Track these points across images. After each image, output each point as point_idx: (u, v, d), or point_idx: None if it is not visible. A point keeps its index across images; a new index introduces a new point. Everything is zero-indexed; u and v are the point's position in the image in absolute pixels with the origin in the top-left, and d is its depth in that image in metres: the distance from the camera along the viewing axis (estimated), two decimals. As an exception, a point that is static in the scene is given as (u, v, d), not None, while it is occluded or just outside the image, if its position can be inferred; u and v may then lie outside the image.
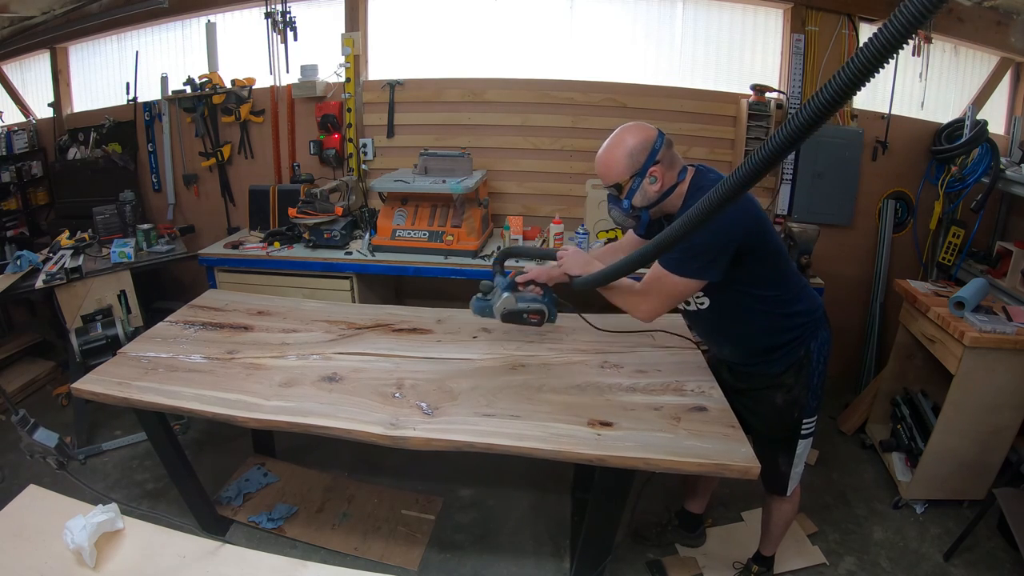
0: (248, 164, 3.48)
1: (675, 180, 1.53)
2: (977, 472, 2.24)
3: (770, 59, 3.05)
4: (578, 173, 3.14)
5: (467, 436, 1.49)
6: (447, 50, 3.21)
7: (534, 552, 2.14)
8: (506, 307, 1.73)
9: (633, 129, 1.52)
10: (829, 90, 0.74)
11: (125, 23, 3.40)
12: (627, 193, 1.53)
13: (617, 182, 1.52)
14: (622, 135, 1.52)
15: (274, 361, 1.85)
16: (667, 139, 1.52)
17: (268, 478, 2.44)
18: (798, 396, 1.64)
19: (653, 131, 1.51)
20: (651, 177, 1.50)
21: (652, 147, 1.49)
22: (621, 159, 1.50)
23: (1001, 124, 3.04)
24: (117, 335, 2.58)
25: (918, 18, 0.64)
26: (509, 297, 1.73)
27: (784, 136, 0.81)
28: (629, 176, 1.51)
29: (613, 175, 1.52)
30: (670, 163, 1.52)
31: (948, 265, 2.89)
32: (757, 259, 1.50)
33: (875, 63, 0.69)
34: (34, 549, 1.21)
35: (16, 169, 3.51)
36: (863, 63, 0.69)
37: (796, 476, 1.75)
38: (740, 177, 0.91)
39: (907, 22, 0.65)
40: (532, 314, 1.75)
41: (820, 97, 0.75)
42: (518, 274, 1.75)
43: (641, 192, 1.52)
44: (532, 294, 1.76)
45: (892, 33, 0.66)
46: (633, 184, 1.51)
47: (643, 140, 1.49)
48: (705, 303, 1.62)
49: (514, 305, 1.74)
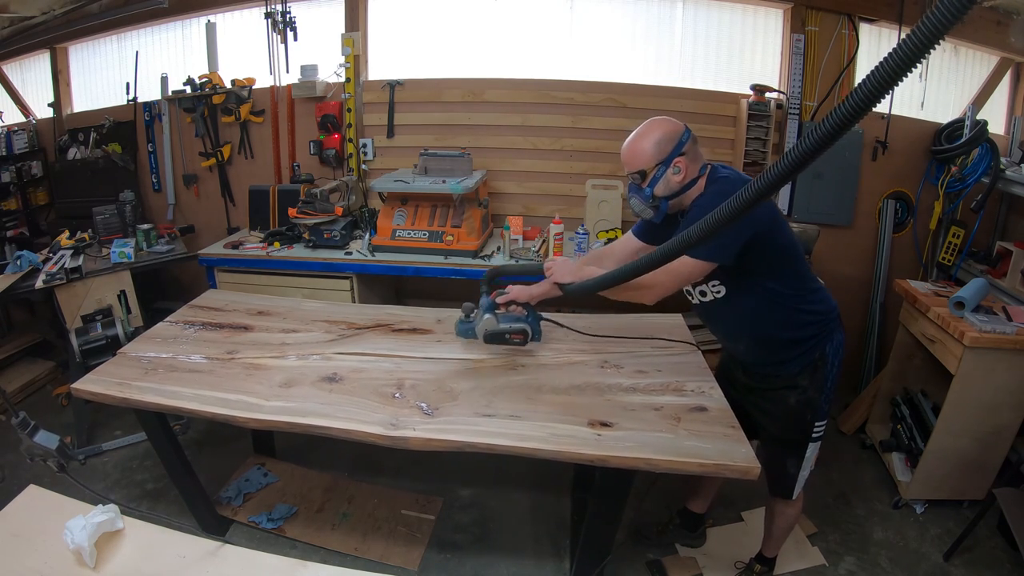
0: (248, 164, 3.48)
1: (696, 174, 1.57)
2: (977, 472, 2.24)
3: (770, 59, 3.05)
4: (578, 173, 3.14)
5: (467, 436, 1.49)
6: (447, 50, 3.21)
7: (534, 552, 2.14)
8: (488, 328, 1.79)
9: (661, 122, 1.56)
10: (861, 92, 0.76)
11: (125, 23, 3.40)
12: (650, 181, 1.56)
13: (642, 168, 1.56)
14: (651, 125, 1.56)
15: (274, 361, 1.85)
16: (693, 135, 1.57)
17: (268, 478, 2.44)
18: (812, 398, 1.64)
19: (681, 125, 1.57)
20: (675, 168, 1.54)
21: (679, 139, 1.54)
22: (649, 147, 1.54)
23: (1001, 124, 3.04)
24: (117, 335, 2.58)
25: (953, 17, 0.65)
26: (490, 318, 1.78)
27: (811, 141, 0.84)
28: (655, 164, 1.54)
29: (639, 162, 1.56)
30: (694, 157, 1.56)
31: (948, 265, 2.89)
32: (772, 249, 1.51)
33: (912, 60, 0.71)
34: (34, 549, 1.21)
35: (16, 169, 3.51)
36: (902, 59, 0.71)
37: (803, 480, 1.75)
38: (769, 180, 0.97)
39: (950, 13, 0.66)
40: (515, 334, 1.80)
41: (854, 97, 0.77)
42: (499, 295, 1.79)
43: (664, 181, 1.55)
44: (514, 314, 1.81)
45: (939, 20, 0.68)
46: (657, 172, 1.55)
47: (671, 131, 1.54)
48: (721, 291, 1.61)
49: (495, 326, 1.78)
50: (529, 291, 1.76)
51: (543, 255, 2.70)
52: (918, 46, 0.70)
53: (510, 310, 1.82)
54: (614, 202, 2.98)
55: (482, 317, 1.78)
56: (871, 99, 0.77)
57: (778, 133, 2.99)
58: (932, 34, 0.68)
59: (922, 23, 0.69)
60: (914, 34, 0.70)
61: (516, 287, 1.79)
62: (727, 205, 1.06)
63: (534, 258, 2.70)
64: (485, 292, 1.82)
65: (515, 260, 2.71)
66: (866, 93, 0.76)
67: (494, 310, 1.79)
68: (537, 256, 2.70)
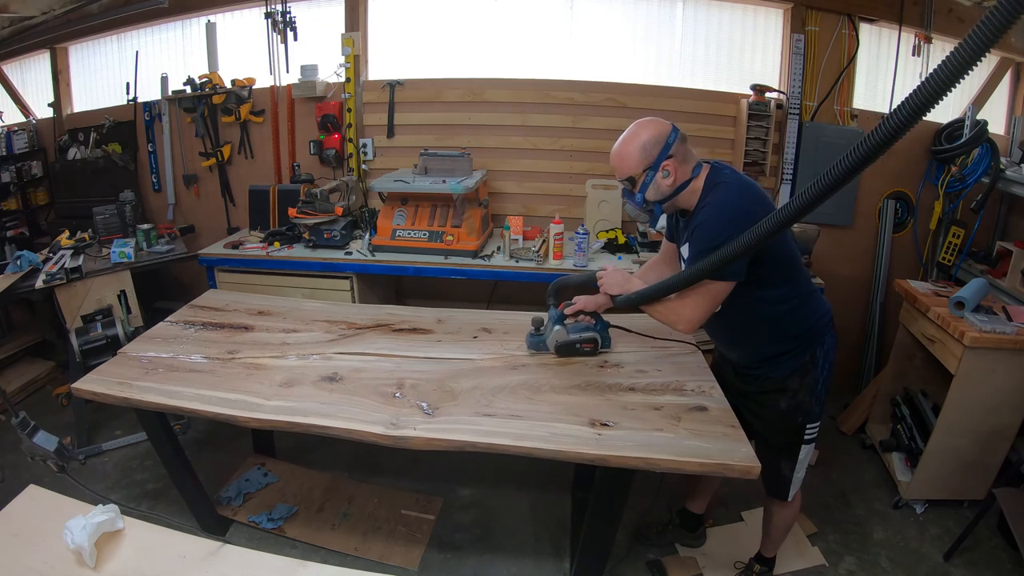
0: (248, 164, 3.48)
1: (689, 175, 1.54)
2: (977, 472, 2.24)
3: (770, 59, 3.05)
4: (578, 173, 3.14)
5: (467, 436, 1.49)
6: (447, 50, 3.21)
7: (534, 552, 2.14)
8: (558, 340, 1.82)
9: (647, 124, 1.54)
10: (914, 101, 0.82)
11: (125, 23, 3.40)
12: (640, 187, 1.55)
13: (630, 175, 1.55)
14: (636, 129, 1.54)
15: (274, 361, 1.85)
16: (681, 134, 1.54)
17: (268, 478, 2.44)
18: (802, 401, 1.64)
19: (667, 126, 1.54)
20: (664, 171, 1.52)
21: (665, 141, 1.51)
22: (634, 153, 1.52)
23: (1001, 124, 3.04)
24: (117, 335, 2.57)
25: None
26: (560, 330, 1.81)
27: (866, 148, 0.90)
28: (642, 170, 1.53)
29: (626, 168, 1.55)
30: (683, 158, 1.54)
31: (948, 265, 2.89)
32: (774, 262, 1.51)
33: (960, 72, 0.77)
34: (34, 549, 1.21)
35: (16, 169, 3.51)
36: (952, 70, 0.76)
37: (798, 481, 1.75)
38: (815, 192, 1.05)
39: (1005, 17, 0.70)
40: (585, 343, 1.83)
41: (909, 105, 0.84)
42: (566, 306, 1.81)
43: (654, 186, 1.54)
44: (583, 323, 1.84)
45: (999, 19, 0.70)
46: (646, 178, 1.53)
47: (656, 134, 1.52)
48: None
49: (566, 337, 1.82)
50: (596, 300, 1.79)
51: (543, 255, 2.70)
52: (972, 53, 0.71)
53: (579, 319, 1.84)
54: (614, 202, 2.99)
55: (552, 329, 1.81)
56: (918, 112, 0.80)
57: (778, 133, 2.99)
58: (982, 43, 0.70)
59: (975, 31, 0.70)
60: (966, 43, 0.72)
61: (582, 297, 1.82)
62: (762, 226, 1.16)
63: (534, 258, 2.70)
64: (553, 304, 1.84)
65: (515, 260, 2.72)
66: (915, 106, 0.80)
67: (563, 321, 1.82)
68: (536, 256, 2.70)
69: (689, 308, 1.54)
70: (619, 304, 1.69)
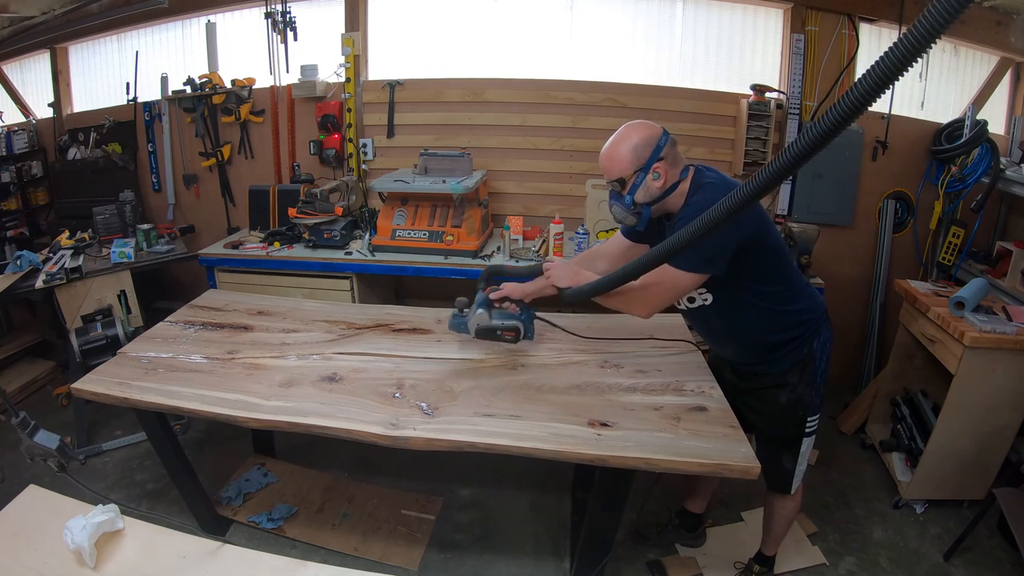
0: (248, 164, 3.48)
1: (678, 178, 1.54)
2: (977, 472, 2.24)
3: (770, 59, 3.05)
4: (578, 173, 3.14)
5: (467, 436, 1.49)
6: (447, 50, 3.21)
7: (534, 552, 2.14)
8: (479, 323, 1.78)
9: (638, 126, 1.53)
10: (854, 94, 0.77)
11: (125, 23, 3.40)
12: (630, 188, 1.53)
13: (621, 177, 1.53)
14: (627, 131, 1.53)
15: (274, 361, 1.85)
16: (671, 138, 1.53)
17: (268, 478, 2.44)
18: (802, 394, 1.65)
19: (658, 129, 1.53)
20: (655, 173, 1.51)
21: (657, 144, 1.50)
22: (626, 154, 1.51)
23: (1001, 124, 3.04)
24: (117, 335, 2.57)
25: (947, 18, 0.66)
26: (483, 313, 1.77)
27: (803, 143, 0.85)
28: (633, 171, 1.52)
29: (617, 170, 1.53)
30: (673, 161, 1.53)
31: (948, 265, 2.89)
32: (759, 254, 1.51)
33: (901, 66, 0.73)
34: (34, 549, 1.21)
35: (16, 169, 3.51)
36: (893, 62, 0.72)
37: (800, 474, 1.76)
38: (757, 184, 0.97)
39: (935, 22, 0.67)
40: (506, 331, 1.79)
41: (846, 99, 0.78)
42: (493, 291, 1.78)
43: (644, 188, 1.53)
44: (508, 311, 1.80)
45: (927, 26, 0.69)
46: (636, 180, 1.52)
47: (648, 136, 1.51)
48: (709, 299, 1.62)
49: (487, 322, 1.78)
50: (523, 288, 1.76)
51: (543, 255, 2.70)
52: (910, 49, 0.70)
53: (504, 307, 1.80)
54: (614, 202, 2.98)
55: (475, 312, 1.77)
56: (867, 98, 0.77)
57: (778, 133, 2.99)
58: (927, 35, 0.68)
59: (918, 22, 0.69)
60: (907, 36, 0.70)
61: (510, 284, 1.79)
62: (714, 211, 1.07)
63: (534, 258, 2.70)
64: (481, 288, 1.82)
65: (515, 260, 2.71)
66: (862, 91, 0.77)
67: (488, 306, 1.78)
68: (537, 256, 2.70)
69: (650, 293, 1.51)
70: (569, 297, 1.61)
